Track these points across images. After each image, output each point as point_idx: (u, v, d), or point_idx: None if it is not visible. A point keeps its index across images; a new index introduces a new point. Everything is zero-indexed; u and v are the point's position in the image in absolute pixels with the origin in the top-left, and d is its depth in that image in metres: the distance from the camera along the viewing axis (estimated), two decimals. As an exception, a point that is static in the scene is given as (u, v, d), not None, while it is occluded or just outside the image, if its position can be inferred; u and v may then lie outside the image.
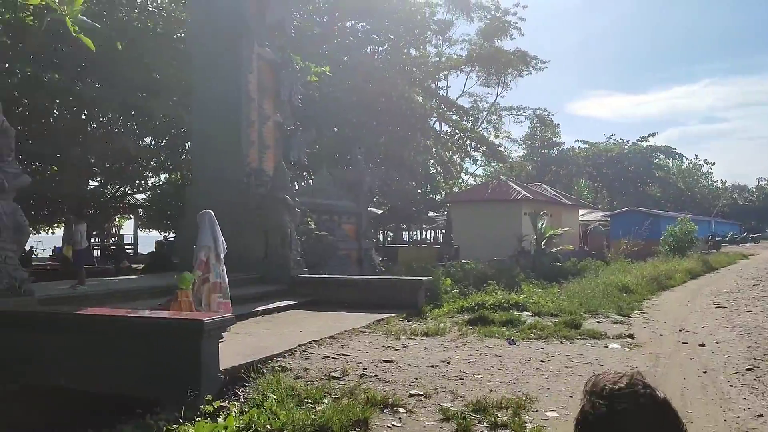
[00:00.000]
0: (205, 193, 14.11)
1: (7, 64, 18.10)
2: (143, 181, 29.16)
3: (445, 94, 42.94)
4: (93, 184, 26.51)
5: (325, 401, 6.08)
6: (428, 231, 54.19)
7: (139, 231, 37.93)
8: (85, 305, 8.14)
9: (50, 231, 32.91)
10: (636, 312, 12.76)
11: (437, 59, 40.86)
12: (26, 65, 18.83)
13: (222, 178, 13.71)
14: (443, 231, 45.41)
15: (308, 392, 6.24)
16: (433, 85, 40.04)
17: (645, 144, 68.67)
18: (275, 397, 6.04)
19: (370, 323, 10.04)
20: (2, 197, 7.56)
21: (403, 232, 48.97)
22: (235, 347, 7.90)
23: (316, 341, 8.43)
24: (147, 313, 6.72)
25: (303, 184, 18.28)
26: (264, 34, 14.36)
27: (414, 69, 35.49)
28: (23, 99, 18.77)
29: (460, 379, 6.90)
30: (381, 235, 51.85)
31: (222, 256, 9.55)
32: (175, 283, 8.54)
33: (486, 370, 7.34)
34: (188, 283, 8.58)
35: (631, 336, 9.75)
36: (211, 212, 9.79)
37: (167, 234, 32.30)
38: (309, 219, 15.42)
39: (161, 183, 30.35)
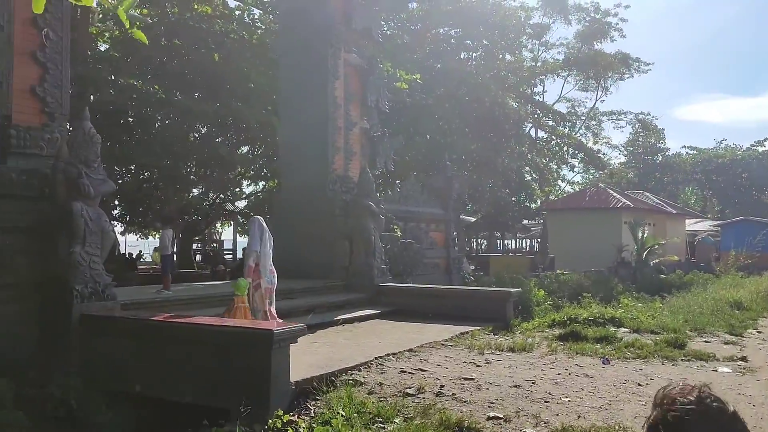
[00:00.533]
0: (292, 200, 14.14)
1: (112, 76, 18.95)
2: (240, 189, 29.97)
3: (541, 100, 41.71)
4: (195, 191, 27.57)
5: (397, 421, 5.73)
6: (523, 240, 52.89)
7: (238, 237, 39.09)
8: (163, 311, 8.18)
9: (157, 236, 34.37)
10: (750, 331, 11.61)
11: (533, 64, 39.77)
12: (132, 78, 19.72)
13: (308, 184, 13.66)
14: (539, 240, 44.18)
15: (380, 410, 5.90)
16: (529, 90, 38.98)
17: (761, 149, 64.08)
18: (344, 414, 5.74)
19: (453, 336, 9.60)
20: (88, 203, 7.70)
21: (498, 241, 47.98)
22: (311, 358, 7.70)
23: (393, 354, 8.09)
24: (215, 321, 6.61)
25: (390, 191, 18.04)
26: (351, 40, 14.25)
27: (508, 74, 34.71)
28: (128, 110, 19.63)
29: (545, 401, 6.35)
30: (474, 243, 51.11)
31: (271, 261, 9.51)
32: (232, 291, 8.51)
33: (575, 393, 6.74)
34: (243, 289, 8.55)
35: (744, 359, 8.80)
36: (261, 218, 9.81)
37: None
38: (395, 226, 15.14)
39: (258, 191, 31.05)
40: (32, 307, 7.58)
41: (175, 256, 28.59)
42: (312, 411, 6.20)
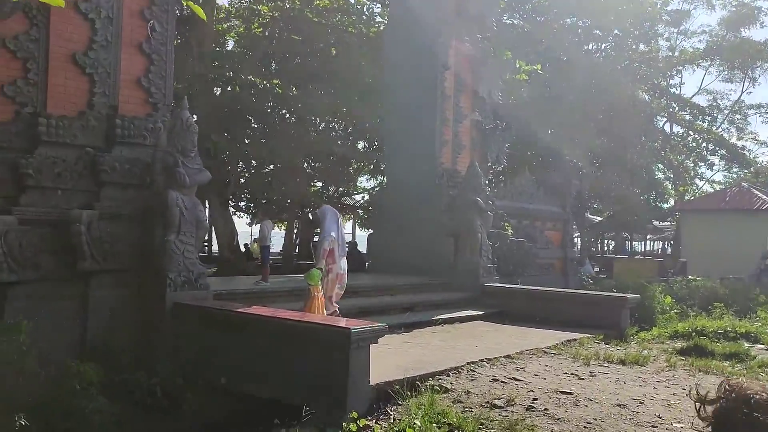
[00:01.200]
0: (396, 194, 13.86)
1: (230, 72, 19.53)
2: (355, 184, 30.20)
3: (677, 92, 38.81)
4: (317, 185, 28.09)
5: (477, 435, 5.23)
6: (654, 242, 49.76)
7: (358, 230, 39.55)
8: (256, 302, 8.12)
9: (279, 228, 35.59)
10: None
11: (669, 54, 37.09)
12: (251, 73, 20.27)
13: (413, 179, 13.31)
14: (670, 242, 41.21)
15: (460, 421, 5.43)
16: (664, 82, 36.40)
17: None
18: (420, 425, 5.32)
19: (557, 343, 8.88)
20: (184, 192, 7.77)
21: (626, 243, 45.37)
22: (400, 359, 7.34)
23: (488, 360, 7.54)
24: (293, 316, 6.40)
25: (503, 186, 17.30)
26: (463, 28, 13.71)
27: (641, 65, 32.57)
28: (247, 104, 20.19)
29: (653, 426, 5.59)
30: (600, 245, 48.69)
31: (346, 249, 9.30)
32: (305, 283, 8.38)
33: (690, 418, 5.91)
34: (317, 279, 8.29)
35: None
36: (332, 207, 9.62)
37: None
38: (506, 224, 14.46)
39: (375, 186, 31.15)
40: (131, 294, 7.75)
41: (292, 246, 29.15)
42: (392, 417, 5.83)
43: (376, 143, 25.11)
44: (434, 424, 5.42)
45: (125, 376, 6.81)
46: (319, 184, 28.10)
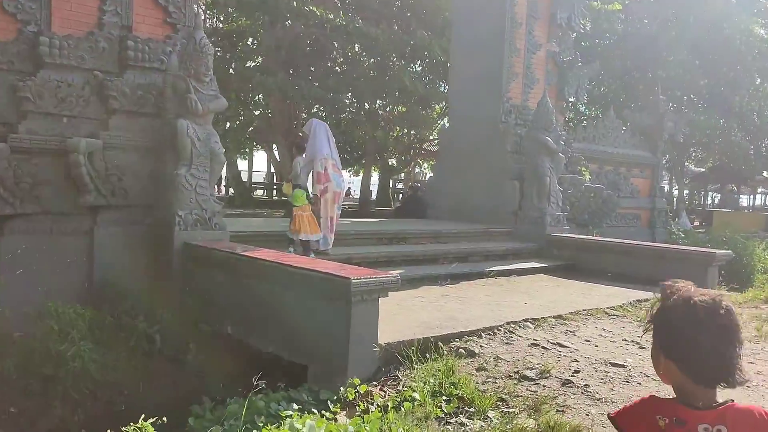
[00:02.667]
0: (459, 133, 12.68)
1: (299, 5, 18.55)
2: (437, 128, 28.83)
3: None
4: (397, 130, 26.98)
5: (491, 415, 4.24)
6: (766, 196, 45.84)
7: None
8: (274, 245, 7.34)
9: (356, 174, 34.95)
10: None
11: (793, -16, 32.91)
12: (323, 5, 19.24)
13: (478, 116, 12.05)
14: (784, 196, 37.60)
15: (474, 395, 4.45)
16: (785, 16, 32.42)
17: None
18: (420, 398, 4.38)
19: (625, 303, 7.65)
20: (196, 121, 7.00)
21: (734, 196, 41.85)
22: (429, 314, 6.40)
23: (534, 320, 6.46)
24: (298, 261, 5.53)
25: (583, 126, 15.64)
26: (540, -54, 12.10)
27: (759, -4, 29.02)
28: (317, 41, 19.24)
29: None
30: (703, 197, 45.30)
31: (339, 165, 8.74)
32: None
33: (774, 404, 4.67)
34: (302, 200, 7.89)
35: None
36: (321, 121, 8.92)
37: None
38: (584, 168, 12.99)
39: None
40: (142, 233, 7.15)
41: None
42: (401, 384, 4.92)
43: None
44: (442, 397, 4.48)
45: (124, 321, 6.24)
46: (398, 129, 27.08)
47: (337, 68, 21.72)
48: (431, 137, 29.90)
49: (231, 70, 19.26)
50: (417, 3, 19.54)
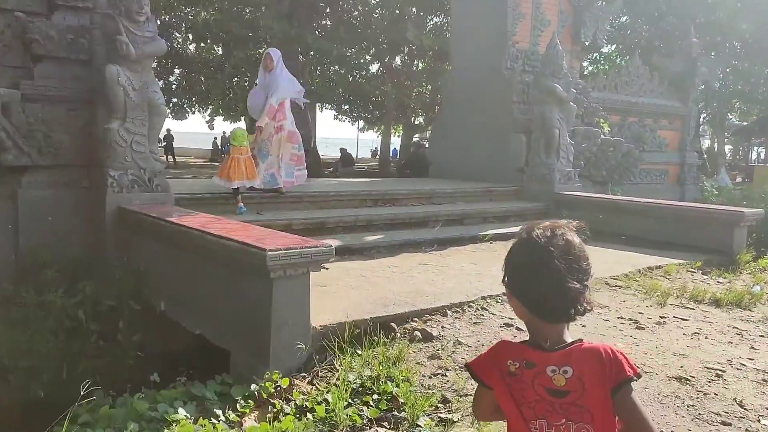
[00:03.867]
0: (461, 81, 11.55)
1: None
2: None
3: None
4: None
5: (422, 423, 3.34)
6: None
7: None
8: (223, 210, 6.49)
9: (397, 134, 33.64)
10: None
11: None
12: None
13: (481, 63, 10.91)
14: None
15: (407, 397, 3.55)
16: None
17: None
18: (332, 402, 3.49)
19: (631, 271, 6.62)
20: (130, 67, 6.10)
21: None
22: (392, 288, 5.49)
23: (517, 293, 5.50)
24: (221, 229, 4.62)
25: (604, 75, 14.29)
26: None
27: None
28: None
29: (724, 423, 3.41)
30: (747, 152, 43.19)
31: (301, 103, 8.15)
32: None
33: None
34: (242, 138, 7.12)
35: None
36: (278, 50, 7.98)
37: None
38: (602, 120, 11.77)
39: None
40: (76, 197, 6.34)
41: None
42: (336, 376, 4.04)
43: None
44: (372, 396, 3.59)
45: (45, 297, 5.48)
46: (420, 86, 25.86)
47: (351, 19, 20.60)
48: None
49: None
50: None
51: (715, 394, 3.71)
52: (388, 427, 3.33)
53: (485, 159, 10.66)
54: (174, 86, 25.31)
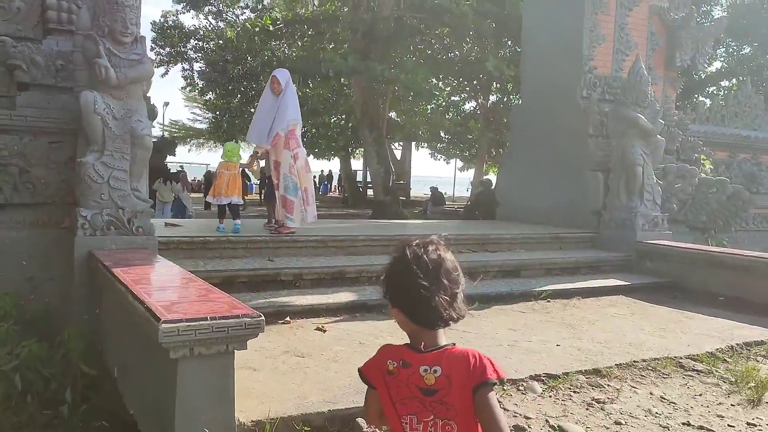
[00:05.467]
0: (531, 110, 10.25)
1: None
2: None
3: None
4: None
5: None
6: None
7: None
8: (210, 256, 5.58)
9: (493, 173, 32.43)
10: None
11: None
12: None
13: (553, 90, 9.59)
14: None
15: None
16: None
17: None
18: None
19: (720, 348, 5.09)
20: (112, 93, 5.38)
21: None
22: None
23: (550, 377, 4.17)
24: (134, 284, 3.67)
25: (707, 104, 12.43)
26: None
27: None
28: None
29: None
30: None
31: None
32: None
33: None
34: (230, 153, 6.82)
35: None
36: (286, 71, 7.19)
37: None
38: (703, 156, 10.07)
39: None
40: (55, 239, 5.64)
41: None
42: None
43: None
44: None
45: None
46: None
47: (428, 50, 19.77)
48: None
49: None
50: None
51: None
52: None
53: (556, 200, 9.29)
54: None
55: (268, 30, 20.47)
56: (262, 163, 7.56)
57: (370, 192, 35.50)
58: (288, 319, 5.33)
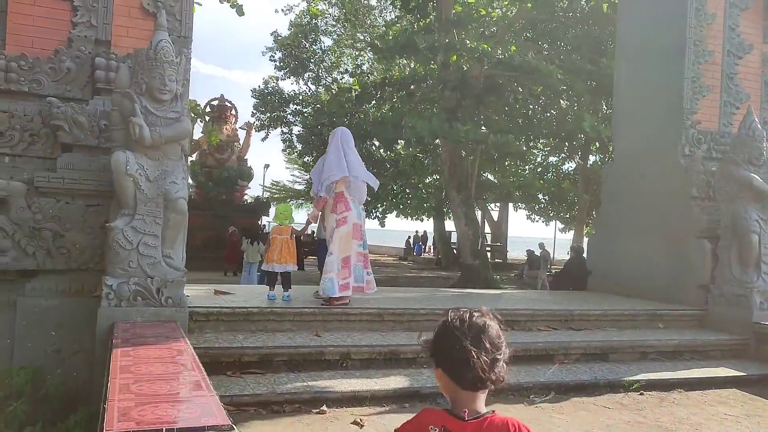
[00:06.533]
0: (625, 171, 9.24)
1: (470, 43, 16.36)
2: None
3: None
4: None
5: None
6: None
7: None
8: (250, 331, 4.99)
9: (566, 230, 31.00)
10: None
11: None
12: (486, 41, 16.77)
13: (650, 148, 8.59)
14: None
15: None
16: None
17: None
18: None
19: None
20: (147, 154, 5.04)
21: None
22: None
23: None
24: (126, 373, 3.11)
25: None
26: None
27: None
28: (492, 83, 16.79)
29: None
30: None
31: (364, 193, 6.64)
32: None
33: None
34: (285, 215, 6.50)
35: None
36: (346, 129, 6.76)
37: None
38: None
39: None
40: (88, 308, 5.27)
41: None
42: None
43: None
44: None
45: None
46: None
47: (521, 109, 19.07)
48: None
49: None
50: (609, 29, 16.26)
51: None
52: None
53: (654, 270, 8.18)
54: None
55: (358, 93, 20.49)
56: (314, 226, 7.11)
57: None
58: (324, 408, 4.63)
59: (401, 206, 26.24)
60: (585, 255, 10.57)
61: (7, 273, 5.14)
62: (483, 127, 14.89)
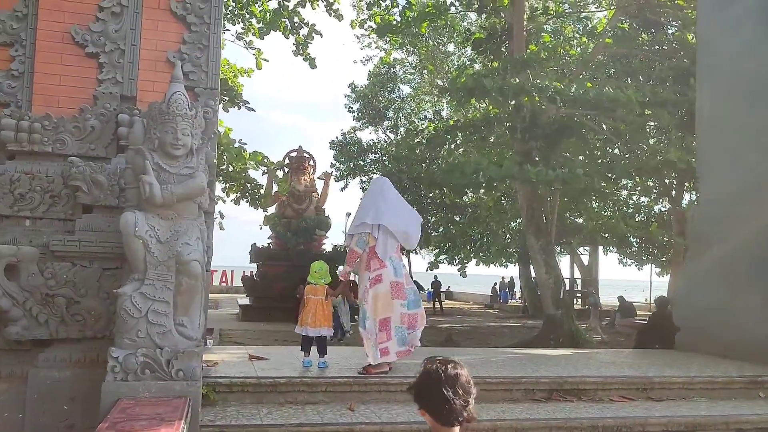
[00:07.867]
0: (711, 216, 8.19)
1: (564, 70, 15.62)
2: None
3: None
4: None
5: None
6: None
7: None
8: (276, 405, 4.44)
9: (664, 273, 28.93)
10: None
11: None
12: (559, 79, 15.97)
13: (746, 189, 7.59)
14: None
15: None
16: None
17: None
18: None
19: None
20: (160, 213, 4.68)
21: None
22: None
23: None
24: None
25: None
26: None
27: None
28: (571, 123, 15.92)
29: None
30: None
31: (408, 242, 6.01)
32: None
33: None
34: (320, 274, 6.07)
35: None
36: (383, 178, 6.49)
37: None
38: None
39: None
40: (102, 378, 4.94)
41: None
42: None
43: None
44: None
45: None
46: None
47: (608, 148, 18.02)
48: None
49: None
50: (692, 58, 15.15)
51: None
52: None
53: (754, 328, 7.08)
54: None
55: (429, 137, 20.08)
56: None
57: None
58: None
59: (480, 254, 25.35)
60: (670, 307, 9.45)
61: (21, 343, 4.87)
62: (562, 169, 14.00)
